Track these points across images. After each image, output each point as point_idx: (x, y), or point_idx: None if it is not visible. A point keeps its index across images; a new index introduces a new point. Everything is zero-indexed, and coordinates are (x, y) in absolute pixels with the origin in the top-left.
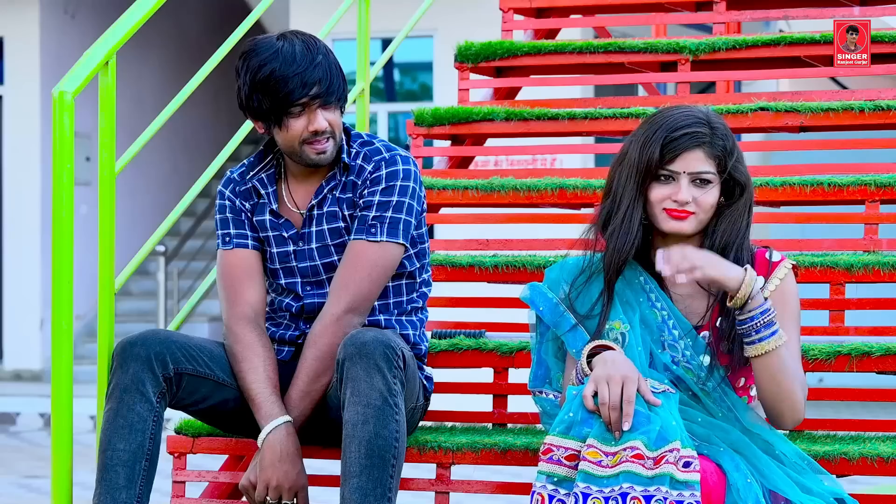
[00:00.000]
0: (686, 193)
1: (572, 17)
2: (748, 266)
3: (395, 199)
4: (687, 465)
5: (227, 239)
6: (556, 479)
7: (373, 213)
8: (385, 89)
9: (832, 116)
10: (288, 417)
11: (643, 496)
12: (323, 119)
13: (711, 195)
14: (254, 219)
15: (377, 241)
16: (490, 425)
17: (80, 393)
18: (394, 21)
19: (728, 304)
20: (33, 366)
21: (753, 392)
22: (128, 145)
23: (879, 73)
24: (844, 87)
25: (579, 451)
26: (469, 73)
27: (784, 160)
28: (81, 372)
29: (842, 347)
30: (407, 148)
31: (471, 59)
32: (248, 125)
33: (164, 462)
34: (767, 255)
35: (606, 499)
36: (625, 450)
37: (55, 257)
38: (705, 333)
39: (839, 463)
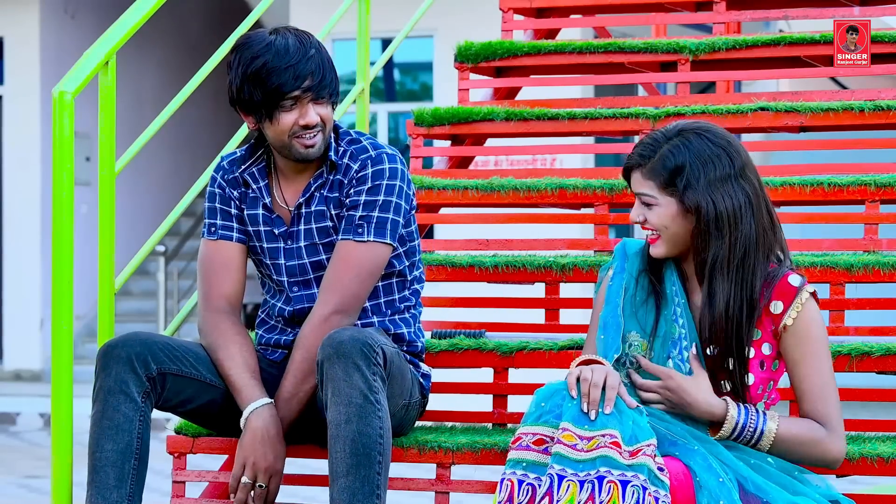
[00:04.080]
0: (635, 214)
1: (572, 17)
2: (728, 401)
3: (381, 198)
4: (660, 469)
5: (213, 229)
6: (525, 465)
7: (359, 213)
8: (385, 89)
9: (832, 116)
10: (268, 400)
11: (620, 480)
12: (314, 113)
13: (655, 214)
14: (246, 212)
15: (364, 242)
16: (490, 425)
17: (80, 393)
18: (394, 21)
19: (713, 437)
20: (33, 366)
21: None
22: (128, 145)
23: (879, 73)
24: (844, 87)
25: (547, 437)
26: (469, 73)
27: (784, 160)
28: (81, 372)
29: (842, 347)
30: (407, 148)
31: (471, 59)
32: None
33: (164, 462)
34: (790, 280)
35: (582, 482)
36: (603, 436)
37: (55, 257)
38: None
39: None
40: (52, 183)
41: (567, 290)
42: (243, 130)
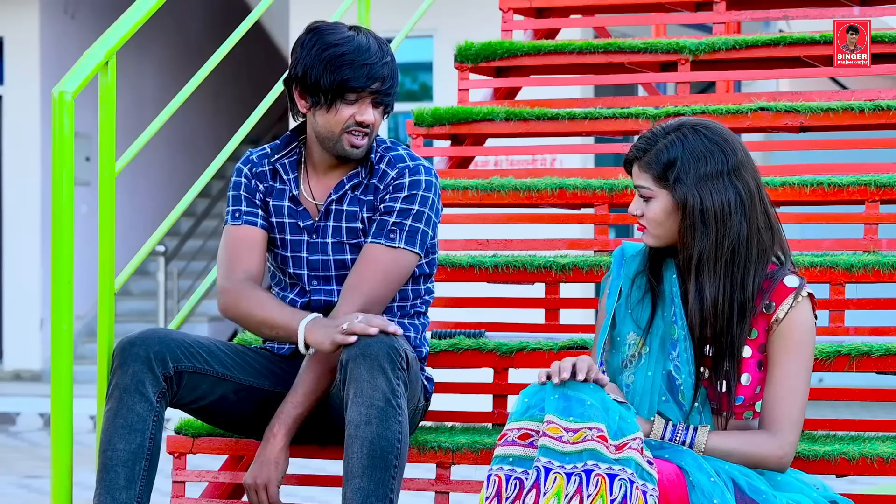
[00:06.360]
0: (634, 206)
1: (572, 17)
2: (657, 419)
3: (416, 208)
4: (649, 463)
5: (238, 214)
6: (511, 459)
7: (393, 219)
8: None
9: (832, 116)
10: (316, 315)
11: (607, 474)
12: (371, 113)
13: (652, 209)
14: (271, 203)
15: (395, 248)
16: (490, 425)
17: (80, 393)
18: (394, 21)
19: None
20: (33, 366)
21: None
22: (128, 145)
23: (879, 73)
24: (844, 87)
25: (533, 430)
26: (469, 73)
27: (784, 160)
28: (81, 372)
29: (842, 347)
30: (406, 147)
31: (471, 59)
32: (249, 125)
33: (164, 462)
34: (787, 281)
35: (569, 475)
36: (590, 429)
37: (55, 257)
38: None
39: (839, 463)
40: (52, 183)
41: (567, 290)
42: (243, 130)
